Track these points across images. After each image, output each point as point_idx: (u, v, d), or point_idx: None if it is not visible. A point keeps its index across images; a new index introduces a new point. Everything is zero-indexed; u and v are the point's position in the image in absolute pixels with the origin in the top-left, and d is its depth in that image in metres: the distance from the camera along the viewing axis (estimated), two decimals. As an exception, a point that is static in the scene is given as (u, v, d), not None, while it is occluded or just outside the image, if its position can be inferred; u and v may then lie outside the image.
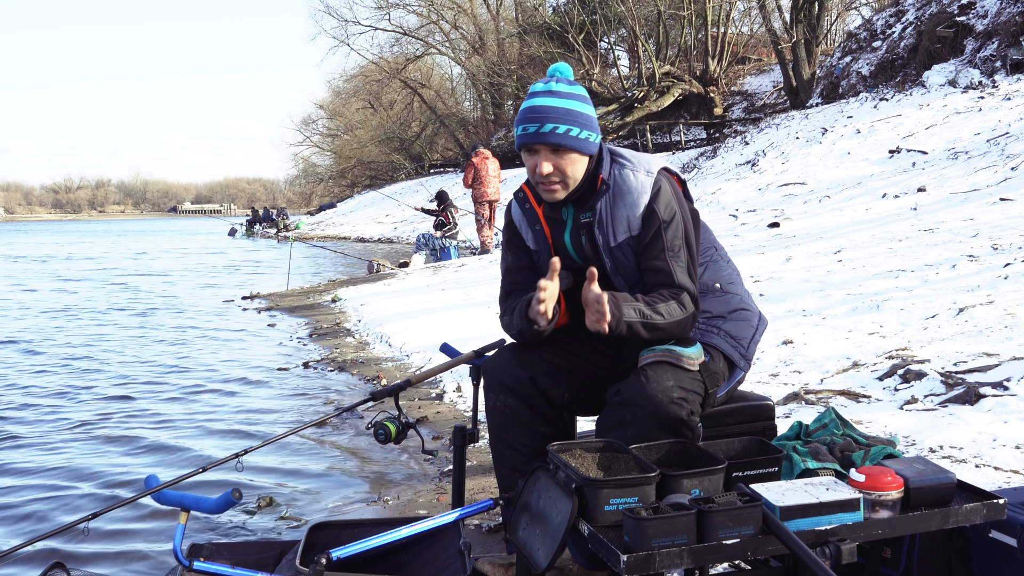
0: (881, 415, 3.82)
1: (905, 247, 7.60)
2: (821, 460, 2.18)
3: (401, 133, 52.54)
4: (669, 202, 2.37)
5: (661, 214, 2.35)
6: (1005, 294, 5.40)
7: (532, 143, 2.36)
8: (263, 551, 2.68)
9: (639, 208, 2.36)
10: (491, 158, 14.98)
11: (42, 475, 4.49)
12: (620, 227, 2.38)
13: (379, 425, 2.70)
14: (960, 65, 15.74)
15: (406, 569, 2.53)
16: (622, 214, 2.38)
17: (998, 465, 3.15)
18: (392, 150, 52.76)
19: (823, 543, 1.84)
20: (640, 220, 2.36)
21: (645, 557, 1.75)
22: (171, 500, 2.44)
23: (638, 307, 2.27)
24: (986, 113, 13.06)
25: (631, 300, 2.28)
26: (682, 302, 2.31)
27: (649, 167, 2.41)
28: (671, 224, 2.36)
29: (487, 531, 3.27)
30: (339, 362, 7.08)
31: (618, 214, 2.38)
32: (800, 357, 4.93)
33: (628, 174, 2.39)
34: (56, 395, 6.34)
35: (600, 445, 2.11)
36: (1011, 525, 2.09)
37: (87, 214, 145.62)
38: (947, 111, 14.00)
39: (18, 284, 16.71)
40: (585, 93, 2.41)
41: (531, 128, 2.35)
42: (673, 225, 2.36)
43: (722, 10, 30.80)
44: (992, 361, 4.22)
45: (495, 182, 14.96)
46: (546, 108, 2.34)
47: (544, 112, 2.34)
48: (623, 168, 2.41)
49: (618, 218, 2.38)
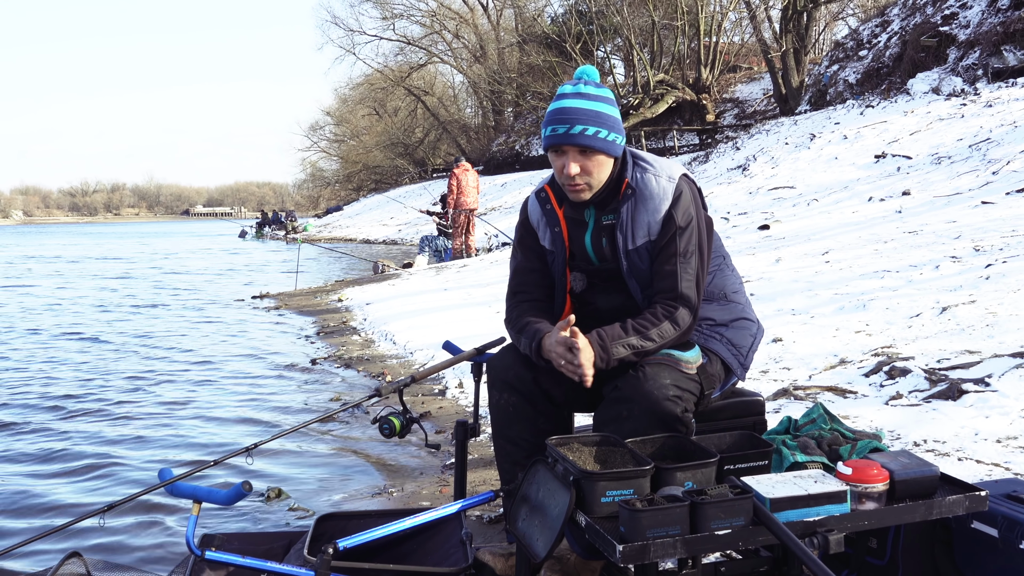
0: (867, 410, 3.82)
1: (890, 248, 7.60)
2: (809, 454, 2.18)
3: (405, 139, 52.56)
4: (687, 208, 2.34)
5: (679, 220, 2.32)
6: (986, 294, 5.40)
7: (561, 144, 2.32)
8: (272, 541, 2.68)
9: (660, 213, 2.33)
10: (471, 170, 15.38)
11: (60, 463, 4.50)
12: (640, 231, 2.35)
13: (384, 420, 2.70)
14: (943, 73, 15.74)
15: (410, 558, 2.53)
16: (643, 219, 2.35)
17: (980, 458, 3.15)
18: (396, 155, 52.76)
19: (811, 534, 1.84)
20: (660, 224, 2.34)
21: (640, 547, 1.75)
22: (184, 492, 2.43)
23: (628, 342, 2.26)
24: (968, 120, 13.06)
25: (621, 336, 2.26)
26: (676, 320, 2.29)
27: (671, 173, 2.38)
28: (687, 230, 2.33)
29: (488, 522, 3.28)
30: (345, 359, 7.07)
31: (640, 219, 2.35)
32: (789, 354, 4.93)
33: (651, 179, 2.36)
34: (78, 383, 6.35)
35: (597, 439, 2.10)
36: (992, 516, 2.09)
37: (103, 217, 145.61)
38: (931, 117, 14.00)
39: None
40: (612, 96, 2.37)
41: (560, 129, 2.31)
42: (688, 231, 2.33)
43: (714, 20, 30.79)
44: (974, 358, 4.22)
45: (473, 192, 15.34)
46: (575, 110, 2.31)
47: (573, 114, 2.30)
48: (646, 172, 2.37)
49: (639, 222, 2.35)
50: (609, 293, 2.46)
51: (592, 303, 2.49)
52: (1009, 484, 2.27)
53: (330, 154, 64.48)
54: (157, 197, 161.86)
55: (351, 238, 31.96)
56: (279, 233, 38.85)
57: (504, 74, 42.67)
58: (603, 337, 2.26)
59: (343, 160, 61.35)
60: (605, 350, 2.25)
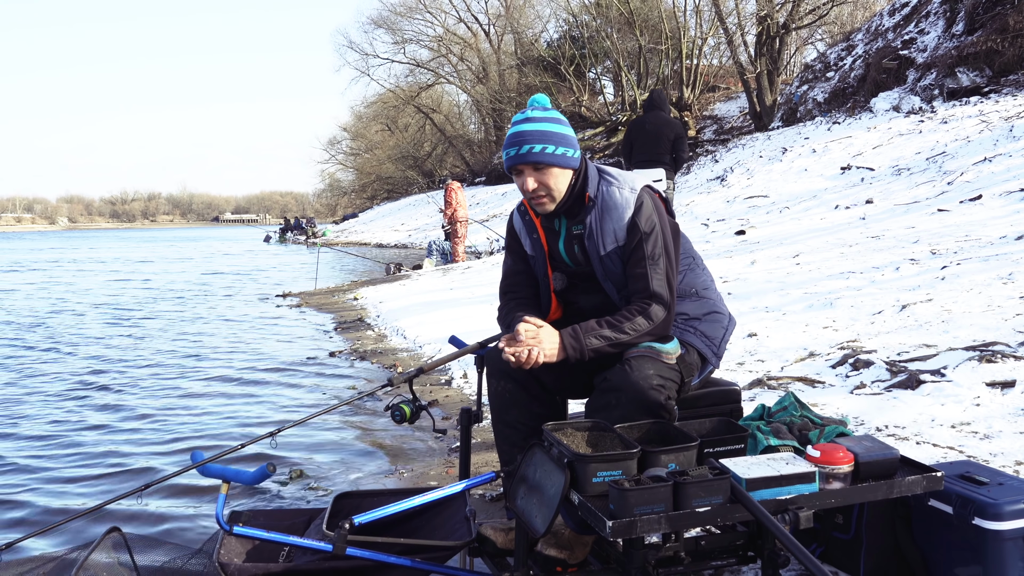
0: (834, 399, 3.82)
1: (855, 252, 7.59)
2: (782, 438, 2.18)
3: (414, 152, 52.50)
4: (650, 216, 2.35)
5: (642, 226, 2.34)
6: (942, 293, 5.39)
7: (516, 164, 2.37)
8: (294, 517, 2.68)
9: (624, 221, 2.35)
10: (460, 189, 15.50)
11: (101, 444, 4.50)
12: (608, 238, 2.36)
13: (396, 407, 2.70)
14: (903, 93, 15.71)
15: (419, 533, 2.53)
16: (609, 227, 2.36)
17: (936, 442, 3.15)
18: (407, 167, 52.71)
19: (783, 511, 1.84)
20: (625, 231, 2.35)
21: (628, 523, 1.75)
22: (214, 473, 2.43)
23: (601, 334, 2.27)
24: (926, 135, 13.04)
25: (594, 329, 2.28)
26: (650, 315, 2.30)
27: (633, 185, 2.39)
28: (651, 235, 2.34)
29: (490, 500, 3.27)
30: (361, 352, 7.07)
31: (606, 227, 2.36)
32: (763, 348, 4.93)
33: (614, 191, 2.37)
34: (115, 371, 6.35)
35: (589, 425, 2.10)
36: (947, 495, 2.09)
37: (140, 223, 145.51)
38: (892, 133, 13.98)
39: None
40: (559, 116, 2.40)
41: (512, 152, 2.36)
42: (653, 236, 2.34)
43: (695, 45, 30.79)
44: (931, 351, 4.22)
45: (464, 206, 15.46)
46: (524, 133, 2.35)
47: (522, 136, 2.35)
48: (610, 185, 2.39)
49: (606, 230, 2.36)
50: (589, 293, 2.48)
51: (575, 302, 2.52)
52: (962, 466, 2.27)
53: (346, 166, 64.37)
54: (189, 205, 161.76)
55: (366, 242, 31.89)
56: (300, 238, 38.81)
57: (504, 93, 42.64)
58: (576, 330, 2.29)
59: (358, 171, 61.25)
60: (578, 340, 2.27)
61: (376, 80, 65.90)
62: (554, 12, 42.25)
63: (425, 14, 47.78)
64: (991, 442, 3.08)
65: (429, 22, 48.16)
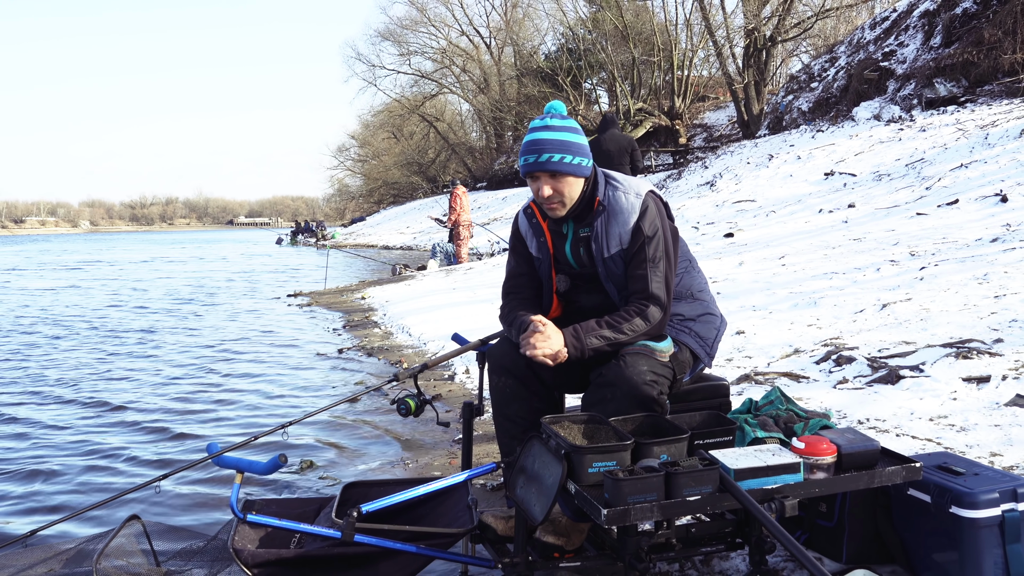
0: (818, 393, 3.82)
1: (838, 254, 7.59)
2: (768, 430, 2.18)
3: (419, 159, 52.52)
4: (653, 220, 2.35)
5: (646, 230, 2.33)
6: (921, 292, 5.39)
7: (533, 171, 2.34)
8: (305, 506, 2.68)
9: (629, 225, 2.34)
10: (466, 194, 15.46)
11: (121, 436, 4.50)
12: (613, 242, 2.36)
13: (401, 401, 2.69)
14: (884, 102, 15.71)
15: (424, 520, 2.53)
16: (615, 231, 2.35)
17: (915, 434, 3.15)
18: (412, 173, 52.74)
19: (770, 499, 1.84)
20: (630, 235, 2.34)
21: (622, 511, 1.75)
22: (228, 463, 2.43)
23: (600, 334, 2.27)
24: (905, 142, 13.03)
25: (594, 329, 2.28)
26: (647, 316, 2.29)
27: (638, 190, 2.38)
28: (654, 239, 2.34)
29: (491, 489, 3.27)
30: (368, 349, 7.07)
31: (612, 231, 2.36)
32: (751, 345, 4.92)
33: (621, 196, 2.37)
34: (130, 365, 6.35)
35: (585, 418, 2.10)
36: (925, 484, 2.09)
37: (159, 226, 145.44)
38: (873, 140, 13.97)
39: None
40: (576, 126, 2.39)
41: (531, 159, 2.33)
42: (655, 240, 2.34)
43: (686, 57, 30.80)
44: (910, 348, 4.22)
45: (467, 210, 15.52)
46: (543, 141, 2.32)
47: (542, 144, 2.32)
48: (616, 190, 2.38)
49: (612, 234, 2.36)
50: (590, 293, 2.47)
51: (576, 302, 2.51)
52: (940, 457, 2.27)
53: (354, 172, 64.40)
54: (205, 209, 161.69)
55: (373, 244, 31.89)
56: (311, 240, 38.82)
57: (505, 103, 42.67)
58: (578, 330, 2.28)
59: (366, 177, 61.26)
60: (579, 340, 2.26)
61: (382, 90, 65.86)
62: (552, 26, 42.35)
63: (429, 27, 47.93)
64: (967, 434, 3.08)
65: (433, 35, 48.28)
